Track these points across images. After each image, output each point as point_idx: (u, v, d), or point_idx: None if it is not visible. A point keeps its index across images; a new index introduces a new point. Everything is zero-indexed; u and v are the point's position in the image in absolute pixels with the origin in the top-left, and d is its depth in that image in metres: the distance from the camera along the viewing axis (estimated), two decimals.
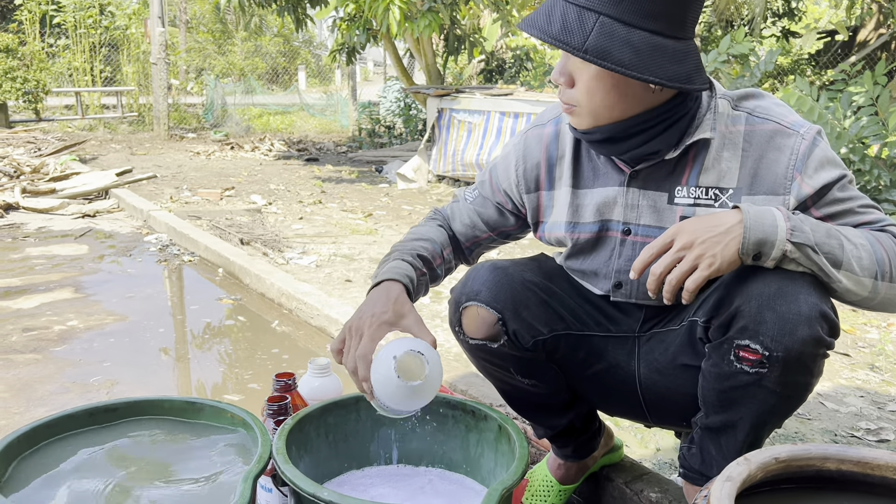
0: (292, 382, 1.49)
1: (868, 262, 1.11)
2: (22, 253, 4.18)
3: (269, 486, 1.36)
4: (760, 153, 1.22)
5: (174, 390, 2.47)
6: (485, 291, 1.31)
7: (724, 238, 1.09)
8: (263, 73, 16.11)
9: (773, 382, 1.14)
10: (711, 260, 1.08)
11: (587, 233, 1.35)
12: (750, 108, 1.25)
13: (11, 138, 8.42)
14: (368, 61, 23.36)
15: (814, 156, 1.20)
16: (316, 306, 3.02)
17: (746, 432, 1.22)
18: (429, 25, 6.22)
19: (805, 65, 10.29)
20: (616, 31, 1.10)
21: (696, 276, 1.08)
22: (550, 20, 1.13)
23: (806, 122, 1.23)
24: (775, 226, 1.09)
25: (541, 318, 1.34)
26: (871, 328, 2.86)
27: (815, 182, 1.19)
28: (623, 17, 1.10)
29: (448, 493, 1.37)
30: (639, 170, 1.28)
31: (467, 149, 6.32)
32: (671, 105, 1.20)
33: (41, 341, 2.80)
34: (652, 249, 1.13)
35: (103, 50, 12.07)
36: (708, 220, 1.12)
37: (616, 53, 1.09)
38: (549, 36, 1.12)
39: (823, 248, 1.10)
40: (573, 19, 1.11)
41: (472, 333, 1.35)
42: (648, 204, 1.29)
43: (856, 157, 3.90)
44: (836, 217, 1.20)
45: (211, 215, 4.97)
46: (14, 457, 1.16)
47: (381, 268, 1.34)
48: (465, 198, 1.50)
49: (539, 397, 1.43)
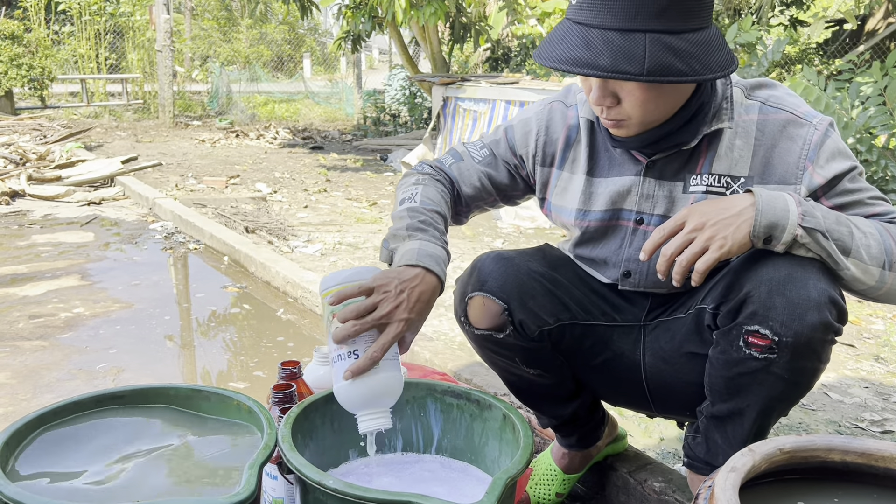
0: (298, 370, 1.49)
1: (877, 251, 1.12)
2: (28, 240, 4.19)
3: (274, 473, 1.37)
4: (773, 142, 1.22)
5: (180, 378, 2.48)
6: (490, 282, 1.31)
7: (735, 220, 1.09)
8: (268, 60, 16.07)
9: (782, 368, 1.15)
10: (722, 241, 1.08)
11: (597, 221, 1.35)
12: (763, 97, 1.25)
13: (17, 125, 8.43)
14: (374, 49, 23.29)
15: (826, 146, 1.20)
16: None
17: (753, 420, 1.22)
18: (434, 13, 6.19)
19: (813, 54, 10.22)
20: (668, 43, 1.06)
21: (707, 257, 1.09)
22: (592, 51, 1.07)
23: (818, 113, 1.23)
24: (787, 210, 1.09)
25: (546, 308, 1.34)
26: (876, 319, 2.85)
27: (827, 172, 1.19)
28: (669, 27, 1.07)
29: (451, 480, 1.37)
30: (656, 160, 1.28)
31: (472, 137, 6.30)
32: (696, 96, 1.20)
33: (48, 328, 2.81)
34: (663, 231, 1.13)
35: (108, 37, 12.04)
36: (720, 203, 1.12)
37: (676, 66, 1.07)
38: (601, 70, 1.06)
39: (833, 234, 1.10)
40: (620, 46, 1.06)
41: (478, 324, 1.35)
42: (664, 194, 1.29)
43: (863, 147, 3.88)
44: (846, 207, 1.20)
45: (216, 203, 4.98)
46: (21, 443, 1.17)
47: (414, 239, 1.24)
48: (473, 156, 1.43)
49: (544, 387, 1.43)
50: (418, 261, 1.20)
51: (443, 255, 1.24)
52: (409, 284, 1.18)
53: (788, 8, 10.67)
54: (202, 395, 1.34)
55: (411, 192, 1.34)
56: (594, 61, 1.06)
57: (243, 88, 12.81)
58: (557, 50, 1.10)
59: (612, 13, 1.06)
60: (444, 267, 1.23)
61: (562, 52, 1.09)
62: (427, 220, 1.28)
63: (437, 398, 1.43)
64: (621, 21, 1.06)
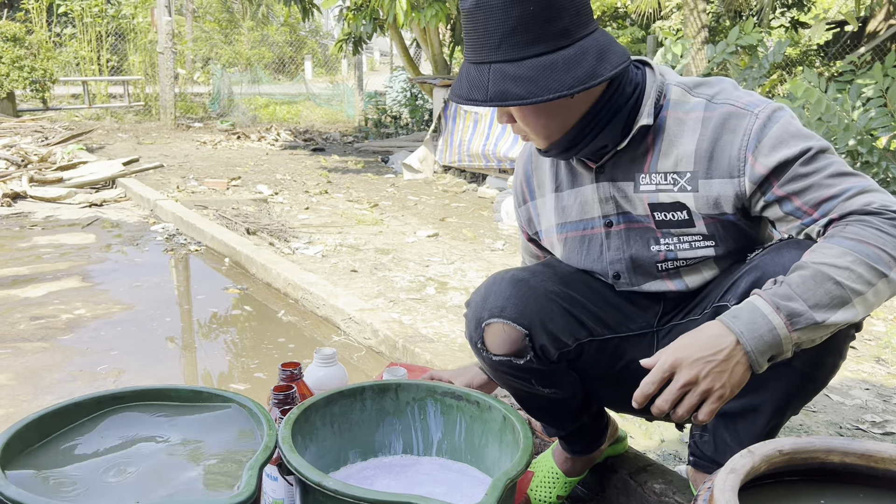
0: (298, 372, 1.49)
1: (869, 273, 1.07)
2: (30, 242, 4.19)
3: (274, 474, 1.37)
4: (716, 136, 1.21)
5: (181, 379, 2.48)
6: (510, 308, 1.29)
7: (727, 366, 1.06)
8: (270, 62, 16.09)
9: (804, 363, 1.15)
10: (721, 392, 1.06)
11: (574, 231, 1.39)
12: (708, 94, 1.25)
13: (19, 127, 8.44)
14: (375, 51, 23.31)
15: (770, 134, 1.17)
16: (322, 296, 3.03)
17: (768, 417, 1.23)
18: (435, 15, 6.20)
19: (814, 56, 10.22)
20: (506, 71, 1.16)
21: (708, 409, 1.07)
22: (460, 84, 1.23)
23: (763, 101, 1.21)
24: (772, 328, 1.05)
25: (565, 329, 1.32)
26: (877, 321, 2.85)
27: (770, 161, 1.16)
28: (507, 57, 1.16)
29: (451, 481, 1.37)
30: (603, 164, 1.31)
31: (473, 139, 6.30)
32: (604, 100, 1.23)
33: (49, 330, 2.82)
34: (653, 385, 1.09)
35: (110, 39, 12.06)
36: (703, 346, 1.07)
37: (513, 91, 1.16)
38: (460, 98, 1.21)
39: (822, 302, 1.05)
40: (474, 77, 1.20)
41: (497, 350, 1.32)
42: (620, 195, 1.31)
43: (864, 149, 3.88)
44: (800, 194, 1.16)
45: (217, 205, 4.98)
46: (22, 444, 1.17)
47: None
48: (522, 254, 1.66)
49: (556, 403, 1.42)
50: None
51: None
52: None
53: (789, 10, 10.68)
54: (203, 396, 1.35)
55: None
56: (459, 91, 1.22)
57: (245, 90, 12.83)
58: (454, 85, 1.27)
59: (471, 49, 1.20)
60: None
61: (455, 86, 1.25)
62: None
63: (437, 399, 1.43)
64: (474, 55, 1.20)
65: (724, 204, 1.23)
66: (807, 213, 1.16)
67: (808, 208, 1.16)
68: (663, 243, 1.30)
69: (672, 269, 1.32)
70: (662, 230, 1.29)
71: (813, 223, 1.16)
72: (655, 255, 1.31)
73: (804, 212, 1.16)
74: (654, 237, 1.30)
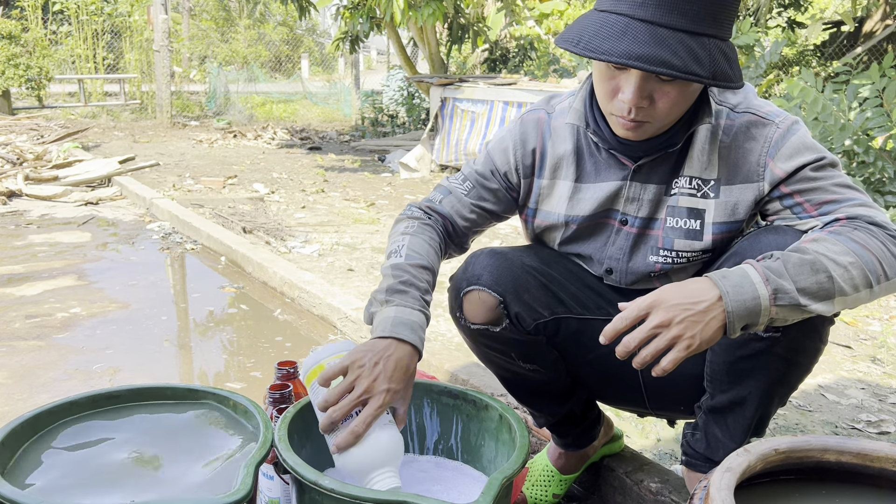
0: (294, 371, 1.49)
1: (861, 279, 1.09)
2: (25, 240, 4.18)
3: (270, 473, 1.37)
4: (737, 144, 1.24)
5: (176, 378, 2.48)
6: (486, 275, 1.32)
7: (703, 317, 1.05)
8: (266, 61, 16.06)
9: (785, 348, 1.17)
10: (690, 342, 1.05)
11: (585, 220, 1.37)
12: (731, 104, 1.27)
13: (14, 125, 8.41)
14: (372, 50, 23.29)
15: (789, 143, 1.21)
16: (318, 295, 3.03)
17: (755, 408, 1.24)
18: (433, 14, 6.20)
19: (810, 56, 10.23)
20: (722, 49, 1.09)
21: (673, 356, 1.05)
22: (666, 49, 1.05)
23: (783, 113, 1.25)
24: (756, 297, 1.04)
25: (542, 300, 1.35)
26: (872, 320, 2.85)
27: (788, 166, 1.21)
28: (722, 33, 1.10)
29: (447, 480, 1.37)
30: (642, 164, 1.29)
31: (470, 138, 6.30)
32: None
33: (44, 328, 2.81)
34: (625, 321, 1.08)
35: (106, 37, 12.02)
36: (685, 294, 1.07)
37: (728, 72, 1.09)
38: (674, 69, 1.05)
39: (810, 289, 1.06)
40: (691, 47, 1.06)
41: (474, 318, 1.35)
42: (649, 198, 1.31)
43: (860, 148, 3.89)
44: (805, 193, 1.20)
45: (213, 203, 4.97)
46: (18, 443, 1.17)
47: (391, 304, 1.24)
48: (459, 191, 1.43)
49: (540, 384, 1.44)
50: (392, 332, 1.20)
51: (419, 319, 1.24)
52: (384, 354, 1.18)
53: (786, 10, 10.69)
54: (198, 394, 1.34)
55: (398, 245, 1.34)
56: (668, 60, 1.05)
57: (241, 89, 12.79)
58: (619, 44, 1.06)
59: (682, 15, 1.06)
60: (419, 333, 1.23)
61: (626, 46, 1.06)
62: (408, 280, 1.28)
63: (433, 398, 1.43)
64: (691, 23, 1.06)
65: (741, 209, 1.26)
66: (806, 211, 1.20)
67: (809, 207, 1.20)
68: (662, 255, 1.32)
69: (663, 274, 1.34)
70: (666, 240, 1.30)
71: (809, 219, 1.20)
72: (652, 267, 1.34)
73: (804, 209, 1.20)
74: (656, 247, 1.32)
